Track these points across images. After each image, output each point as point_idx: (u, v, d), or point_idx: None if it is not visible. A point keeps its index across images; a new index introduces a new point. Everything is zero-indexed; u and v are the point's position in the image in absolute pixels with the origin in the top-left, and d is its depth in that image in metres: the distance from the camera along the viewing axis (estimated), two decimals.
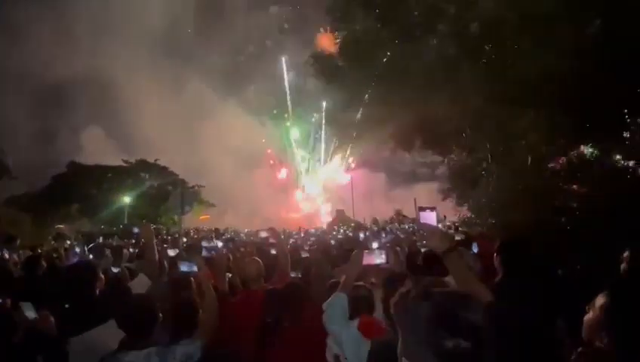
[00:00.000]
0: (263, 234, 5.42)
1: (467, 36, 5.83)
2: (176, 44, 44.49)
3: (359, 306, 3.14)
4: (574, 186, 6.50)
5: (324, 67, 7.31)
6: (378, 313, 3.25)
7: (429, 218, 2.79)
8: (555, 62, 4.53)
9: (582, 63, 4.47)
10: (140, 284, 3.69)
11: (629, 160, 5.32)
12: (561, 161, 6.17)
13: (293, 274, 4.81)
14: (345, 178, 46.28)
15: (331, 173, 48.54)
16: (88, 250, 9.13)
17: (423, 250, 4.57)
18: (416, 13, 6.02)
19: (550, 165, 6.40)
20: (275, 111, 48.47)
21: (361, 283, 3.36)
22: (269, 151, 49.47)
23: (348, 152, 46.44)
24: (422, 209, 2.74)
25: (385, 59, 6.13)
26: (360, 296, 3.20)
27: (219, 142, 42.43)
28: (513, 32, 5.31)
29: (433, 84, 5.46)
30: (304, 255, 6.49)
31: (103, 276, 3.90)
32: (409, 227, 25.09)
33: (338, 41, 7.19)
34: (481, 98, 5.17)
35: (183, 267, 3.88)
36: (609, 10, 4.46)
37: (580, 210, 5.29)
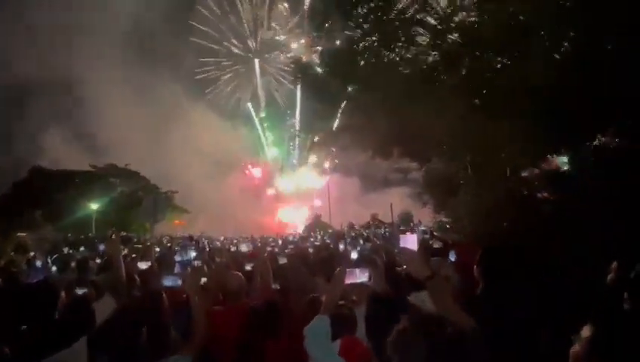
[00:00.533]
0: (244, 249, 5.21)
1: (445, 48, 5.92)
2: (145, 44, 43.13)
3: (341, 326, 3.03)
4: (545, 194, 6.71)
5: (304, 73, 7.24)
6: (360, 332, 3.15)
7: (409, 241, 2.72)
8: (533, 74, 4.66)
9: (559, 75, 4.62)
10: (105, 306, 3.42)
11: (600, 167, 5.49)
12: (535, 171, 6.37)
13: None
14: (319, 182, 46.56)
15: (305, 176, 48.67)
16: (52, 261, 8.55)
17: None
18: (397, 23, 6.06)
19: (524, 174, 6.59)
20: (253, 113, 48.12)
21: (342, 301, 3.25)
22: (240, 155, 49.03)
23: (323, 156, 46.63)
24: (402, 232, 2.69)
25: (365, 69, 6.14)
26: (342, 314, 3.09)
27: (189, 146, 41.63)
28: (490, 44, 5.44)
29: (413, 94, 5.49)
30: (282, 261, 6.37)
31: (64, 294, 3.61)
32: (384, 231, 25.34)
33: (318, 49, 7.16)
34: (460, 109, 5.25)
35: (167, 281, 3.66)
36: (584, 24, 4.64)
37: (555, 217, 5.47)
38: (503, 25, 5.27)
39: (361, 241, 12.09)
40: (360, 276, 3.02)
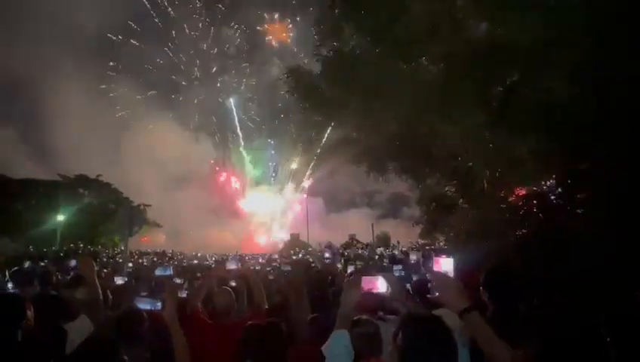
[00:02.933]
0: (232, 266, 4.79)
1: (462, 58, 5.87)
2: (109, 50, 41.93)
3: (365, 345, 2.65)
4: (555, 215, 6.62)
5: (301, 83, 7.01)
6: (386, 352, 2.77)
7: (445, 265, 2.38)
8: (556, 87, 4.61)
9: (582, 88, 4.59)
10: (81, 328, 2.90)
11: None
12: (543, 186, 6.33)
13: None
14: (294, 201, 46.43)
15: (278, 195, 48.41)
16: (10, 276, 7.70)
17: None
18: (411, 31, 5.97)
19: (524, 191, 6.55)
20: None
21: (364, 316, 2.87)
22: (211, 162, 47.91)
23: (307, 175, 46.61)
24: (437, 254, 2.37)
25: (374, 78, 5.97)
26: (366, 333, 2.72)
27: (151, 158, 40.35)
28: (507, 55, 5.42)
29: (427, 105, 5.34)
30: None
31: (31, 312, 3.05)
32: (362, 251, 25.09)
33: (320, 58, 6.97)
34: (481, 120, 5.13)
35: (144, 304, 3.21)
36: (603, 36, 4.68)
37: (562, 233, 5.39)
38: (521, 36, 5.26)
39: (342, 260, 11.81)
40: (380, 285, 2.67)
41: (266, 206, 48.60)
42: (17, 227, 28.73)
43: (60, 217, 29.61)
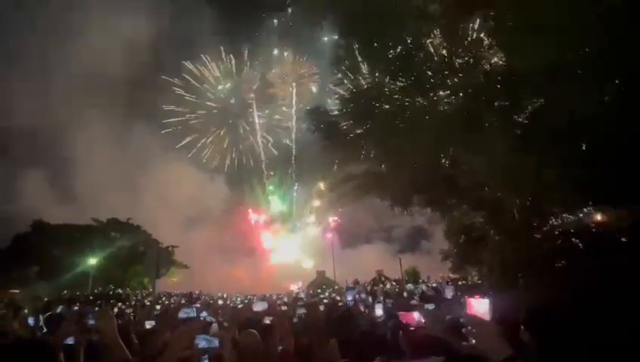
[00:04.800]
0: (259, 308, 4.71)
1: (481, 88, 5.88)
2: (131, 93, 44.08)
3: None
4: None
5: (321, 122, 7.17)
6: None
7: (480, 308, 2.22)
8: (580, 108, 4.50)
9: (607, 113, 4.47)
10: None
11: None
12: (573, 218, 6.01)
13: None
14: (317, 237, 46.04)
15: (296, 231, 48.20)
16: (44, 321, 7.89)
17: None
18: (428, 64, 6.10)
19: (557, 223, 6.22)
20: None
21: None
22: (246, 207, 48.36)
23: (329, 211, 46.38)
24: (470, 295, 2.23)
25: (393, 113, 6.05)
26: None
27: (178, 197, 41.24)
28: (526, 81, 5.39)
29: (451, 136, 5.31)
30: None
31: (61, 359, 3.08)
32: (391, 287, 24.13)
33: (339, 97, 7.18)
34: (505, 147, 5.03)
35: (202, 342, 3.14)
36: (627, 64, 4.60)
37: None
38: (537, 62, 5.25)
39: (381, 297, 11.36)
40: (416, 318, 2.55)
41: (289, 243, 48.35)
42: (55, 272, 29.84)
43: (93, 260, 30.55)
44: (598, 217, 6.40)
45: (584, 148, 4.74)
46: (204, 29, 43.81)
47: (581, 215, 6.03)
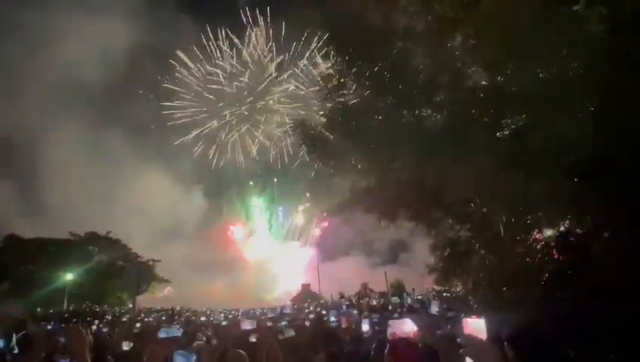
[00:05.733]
0: (247, 327, 4.63)
1: (465, 105, 6.03)
2: (106, 102, 43.10)
3: None
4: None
5: (308, 134, 7.21)
6: None
7: (476, 327, 2.22)
8: (568, 130, 4.63)
9: (592, 130, 4.61)
10: None
11: None
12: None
13: None
14: (302, 251, 45.97)
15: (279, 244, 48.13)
16: (16, 341, 7.47)
17: None
18: (413, 82, 6.24)
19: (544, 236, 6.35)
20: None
21: None
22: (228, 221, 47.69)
23: (314, 224, 46.56)
24: (467, 315, 2.24)
25: (380, 128, 6.15)
26: None
27: (154, 209, 40.31)
28: (512, 101, 5.55)
29: (437, 152, 5.40)
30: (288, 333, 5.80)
31: None
32: (377, 301, 24.02)
33: (324, 113, 7.26)
34: (491, 165, 5.13)
35: (179, 358, 3.00)
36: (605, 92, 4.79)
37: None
38: (520, 84, 5.42)
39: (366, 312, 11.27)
40: (407, 328, 2.53)
41: (272, 256, 47.94)
42: (28, 288, 28.49)
43: (69, 276, 29.35)
44: (578, 230, 6.59)
45: (568, 162, 4.89)
46: (183, 36, 43.66)
47: (562, 228, 6.20)
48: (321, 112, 7.32)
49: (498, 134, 6.19)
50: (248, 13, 44.48)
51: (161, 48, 43.57)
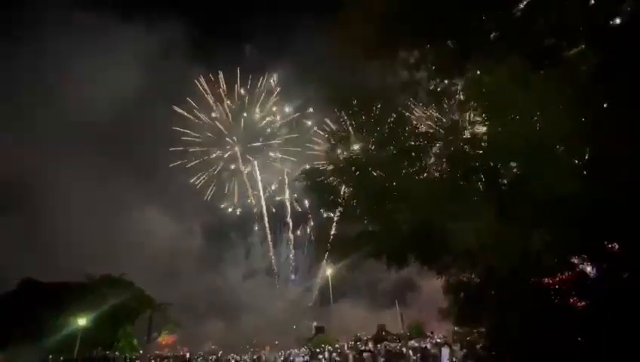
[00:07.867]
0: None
1: (462, 156, 6.28)
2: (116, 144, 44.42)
3: None
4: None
5: (315, 183, 7.49)
6: None
7: None
8: (557, 184, 4.79)
9: (583, 184, 4.75)
10: None
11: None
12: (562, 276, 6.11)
13: None
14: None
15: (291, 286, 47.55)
16: None
17: None
18: (411, 138, 6.57)
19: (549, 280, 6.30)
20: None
21: None
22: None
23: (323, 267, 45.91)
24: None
25: (383, 181, 6.41)
26: None
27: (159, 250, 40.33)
28: (504, 154, 5.78)
29: (437, 203, 5.58)
30: None
31: None
32: (396, 344, 23.13)
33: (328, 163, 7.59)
34: (490, 216, 5.26)
35: None
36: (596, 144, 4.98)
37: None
38: (516, 136, 5.65)
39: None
40: None
41: (279, 298, 47.36)
42: (40, 334, 28.39)
43: (82, 321, 29.18)
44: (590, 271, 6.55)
45: (564, 212, 5.01)
46: (189, 83, 45.74)
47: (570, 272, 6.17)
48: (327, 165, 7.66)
49: (495, 186, 6.38)
50: (254, 62, 47.18)
51: (168, 94, 46.07)
